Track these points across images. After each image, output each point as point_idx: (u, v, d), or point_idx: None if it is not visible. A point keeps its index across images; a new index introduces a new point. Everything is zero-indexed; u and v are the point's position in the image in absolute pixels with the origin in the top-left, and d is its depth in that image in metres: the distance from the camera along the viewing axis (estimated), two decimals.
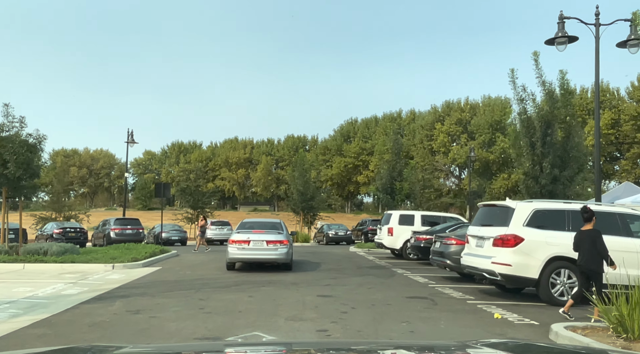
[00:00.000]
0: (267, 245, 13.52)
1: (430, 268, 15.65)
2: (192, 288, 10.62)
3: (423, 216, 18.89)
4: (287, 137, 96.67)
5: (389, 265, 16.36)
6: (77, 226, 28.30)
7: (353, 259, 18.79)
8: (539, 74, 17.41)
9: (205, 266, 15.61)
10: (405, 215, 19.11)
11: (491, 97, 65.11)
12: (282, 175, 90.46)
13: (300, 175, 35.60)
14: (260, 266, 14.67)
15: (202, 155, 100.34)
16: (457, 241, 11.74)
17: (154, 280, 12.18)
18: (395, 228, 18.60)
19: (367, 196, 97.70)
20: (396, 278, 12.92)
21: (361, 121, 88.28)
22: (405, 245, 18.43)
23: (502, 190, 60.94)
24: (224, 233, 32.48)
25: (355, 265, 16.18)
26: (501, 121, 60.94)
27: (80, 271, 13.96)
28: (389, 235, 18.68)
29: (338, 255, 20.99)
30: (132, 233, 29.09)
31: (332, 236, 33.77)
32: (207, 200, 39.48)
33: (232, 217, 77.39)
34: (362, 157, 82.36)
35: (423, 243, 16.27)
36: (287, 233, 14.65)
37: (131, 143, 34.80)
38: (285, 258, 13.61)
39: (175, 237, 31.27)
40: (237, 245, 13.58)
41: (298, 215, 36.38)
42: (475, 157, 38.10)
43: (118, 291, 10.26)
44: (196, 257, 19.06)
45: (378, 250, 22.97)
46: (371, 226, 34.77)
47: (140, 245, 20.08)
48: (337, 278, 12.53)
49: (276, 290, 10.52)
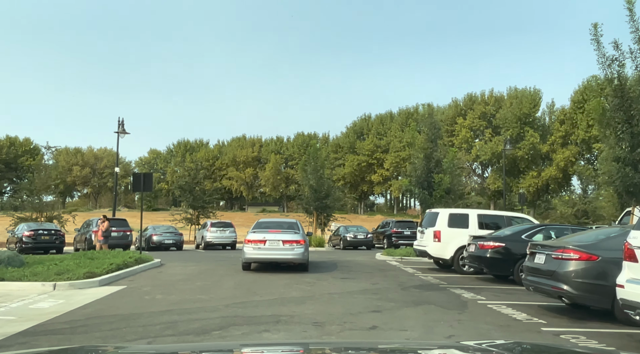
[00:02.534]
0: (283, 245, 13.30)
1: (506, 287, 11.16)
2: (145, 335, 6.23)
3: (480, 216, 14.32)
4: (296, 135, 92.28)
5: (442, 283, 11.86)
6: (53, 228, 24.10)
7: (388, 272, 14.30)
8: (634, 28, 12.92)
9: (188, 284, 11.22)
10: (457, 214, 14.58)
11: (517, 89, 60.21)
12: (291, 174, 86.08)
13: (313, 170, 31.15)
14: (268, 285, 10.39)
15: (208, 154, 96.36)
16: (582, 255, 7.23)
17: (98, 312, 7.81)
18: (444, 232, 14.11)
19: (379, 197, 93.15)
20: (472, 309, 8.43)
21: (375, 117, 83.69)
22: (458, 254, 13.91)
23: (532, 189, 56.11)
24: (226, 236, 28.11)
25: (397, 283, 11.69)
26: (530, 114, 56.13)
27: (5, 293, 9.66)
28: (434, 240, 14.17)
29: (365, 265, 16.51)
30: (117, 236, 24.88)
31: (350, 240, 29.24)
32: (208, 198, 35.15)
33: (240, 218, 73.20)
34: (377, 155, 77.71)
35: (490, 252, 11.77)
36: (304, 233, 14.26)
37: (122, 134, 30.68)
38: (301, 258, 13.40)
39: (170, 240, 26.95)
40: (252, 244, 13.34)
41: (311, 215, 31.95)
42: (512, 148, 33.36)
43: (15, 340, 5.92)
44: (183, 269, 14.69)
45: (413, 258, 18.46)
46: (395, 228, 30.29)
47: (114, 252, 15.75)
48: (381, 311, 8.06)
49: (288, 336, 6.13)
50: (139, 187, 15.88)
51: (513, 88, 60.07)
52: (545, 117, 59.31)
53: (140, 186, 15.93)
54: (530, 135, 54.31)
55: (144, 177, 15.96)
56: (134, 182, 15.99)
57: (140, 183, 15.93)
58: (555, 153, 55.51)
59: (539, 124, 57.19)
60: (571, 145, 55.45)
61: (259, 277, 12.44)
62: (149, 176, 16.21)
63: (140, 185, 15.93)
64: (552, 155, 55.89)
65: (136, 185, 15.90)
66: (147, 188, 16.03)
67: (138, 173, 15.38)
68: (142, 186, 15.94)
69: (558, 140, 55.53)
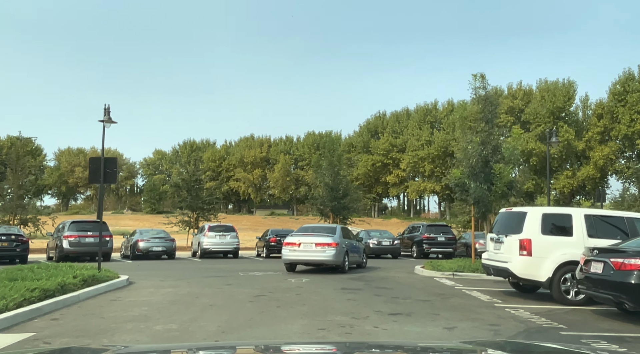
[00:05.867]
0: (315, 247, 14.13)
1: None
2: None
3: (589, 217, 9.62)
4: (307, 134, 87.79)
5: (558, 326, 7.26)
6: (15, 232, 19.75)
7: (450, 300, 9.70)
8: None
9: (138, 331, 6.68)
10: (555, 215, 9.91)
11: (548, 81, 55.18)
12: (301, 175, 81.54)
13: (329, 165, 26.58)
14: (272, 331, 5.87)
15: (215, 154, 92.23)
16: None
17: None
18: (537, 242, 9.48)
19: (393, 200, 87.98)
20: None
21: (390, 115, 78.89)
22: (559, 274, 9.29)
23: (566, 190, 51.03)
24: (226, 243, 23.61)
25: (486, 327, 7.08)
26: (564, 108, 51.11)
27: None
28: (522, 253, 9.53)
29: (411, 285, 11.92)
30: (94, 242, 20.51)
31: (373, 247, 24.60)
32: (208, 198, 30.68)
33: (247, 221, 68.57)
34: (392, 155, 72.89)
35: (637, 274, 7.17)
36: (340, 237, 14.61)
37: (107, 123, 26.41)
38: (333, 260, 14.08)
39: (159, 247, 22.53)
40: (289, 247, 14.39)
41: (326, 217, 27.39)
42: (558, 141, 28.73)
43: None
44: (152, 294, 10.20)
45: (468, 273, 13.83)
46: (427, 233, 25.64)
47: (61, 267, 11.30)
48: None
49: None
50: (97, 177, 11.44)
51: (543, 81, 55.08)
52: (578, 111, 54.25)
53: (100, 176, 11.48)
54: (565, 131, 49.30)
55: (105, 163, 11.51)
56: (91, 170, 11.55)
57: (99, 171, 11.48)
58: (592, 151, 50.38)
59: (573, 119, 52.18)
60: (611, 141, 50.31)
61: (262, 314, 7.90)
62: (112, 161, 11.72)
63: (100, 175, 11.49)
64: (589, 153, 50.77)
65: (94, 175, 11.46)
66: (109, 179, 11.59)
67: (96, 157, 10.89)
68: (102, 176, 11.50)
69: (595, 136, 50.42)
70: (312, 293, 10.21)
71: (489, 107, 15.72)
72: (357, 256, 16.09)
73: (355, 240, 16.75)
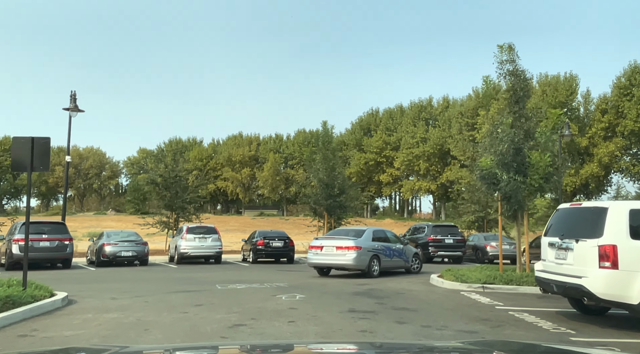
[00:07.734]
0: (336, 251, 13.92)
1: None
2: None
3: None
4: (297, 132, 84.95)
5: None
6: None
7: (503, 331, 6.97)
8: None
9: None
10: None
11: (549, 76, 52.94)
12: (291, 174, 78.64)
13: (324, 159, 23.81)
14: None
15: (202, 153, 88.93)
16: None
17: None
18: (625, 249, 6.80)
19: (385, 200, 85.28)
20: None
21: (384, 112, 76.32)
22: None
23: (569, 189, 48.80)
24: (207, 246, 20.71)
25: None
26: (567, 102, 48.84)
27: None
28: (603, 265, 6.84)
29: (436, 304, 9.16)
30: (50, 246, 17.64)
31: None
32: (189, 196, 27.74)
33: (235, 222, 65.40)
34: (386, 152, 70.28)
35: None
36: (368, 240, 14.23)
37: (73, 111, 23.46)
38: (354, 264, 13.77)
39: (128, 252, 19.55)
40: (314, 250, 14.44)
41: (320, 217, 24.63)
42: (571, 134, 26.44)
43: None
44: (80, 328, 7.35)
45: (501, 285, 11.14)
46: (432, 235, 22.98)
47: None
48: None
49: None
50: (23, 165, 8.56)
51: (544, 75, 52.83)
52: (580, 107, 52.06)
53: (28, 162, 8.61)
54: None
55: (32, 144, 8.62)
56: (14, 155, 8.67)
57: (26, 156, 8.60)
58: (596, 148, 48.15)
59: (575, 115, 49.97)
60: (616, 137, 48.09)
61: None
62: (42, 143, 8.83)
63: (29, 161, 8.61)
64: (593, 150, 48.56)
65: (18, 162, 8.59)
66: (40, 166, 8.72)
67: (22, 137, 7.93)
68: (30, 162, 8.62)
69: (599, 132, 48.20)
70: (310, 320, 7.44)
71: (519, 83, 13.04)
72: (400, 261, 15.37)
73: (400, 243, 15.67)
